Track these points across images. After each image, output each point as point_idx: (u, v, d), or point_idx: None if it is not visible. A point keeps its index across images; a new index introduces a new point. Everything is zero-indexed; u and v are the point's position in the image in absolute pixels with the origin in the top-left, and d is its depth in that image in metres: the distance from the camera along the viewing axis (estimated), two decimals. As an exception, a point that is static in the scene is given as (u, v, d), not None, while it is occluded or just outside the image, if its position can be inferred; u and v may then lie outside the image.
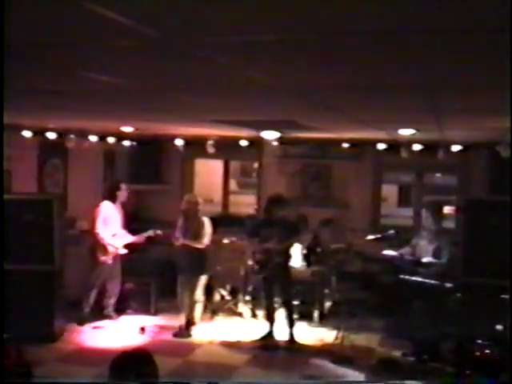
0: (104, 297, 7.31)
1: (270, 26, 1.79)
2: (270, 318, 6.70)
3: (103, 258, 7.05)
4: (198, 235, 6.72)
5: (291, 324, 6.64)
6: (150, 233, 7.18)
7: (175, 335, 6.80)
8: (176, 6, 1.59)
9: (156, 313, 7.54)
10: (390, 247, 6.89)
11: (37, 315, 6.29)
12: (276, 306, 6.76)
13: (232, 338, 6.78)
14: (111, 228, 7.09)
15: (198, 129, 6.74)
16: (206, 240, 6.75)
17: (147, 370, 2.68)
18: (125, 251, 7.22)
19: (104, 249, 7.05)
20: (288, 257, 6.77)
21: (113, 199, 7.19)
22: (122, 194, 7.26)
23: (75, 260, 7.34)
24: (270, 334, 6.68)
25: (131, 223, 7.42)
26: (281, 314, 6.75)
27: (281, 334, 6.71)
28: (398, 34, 1.86)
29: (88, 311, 7.13)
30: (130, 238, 7.22)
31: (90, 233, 7.18)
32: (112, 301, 7.34)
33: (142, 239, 7.22)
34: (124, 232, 7.25)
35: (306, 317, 7.13)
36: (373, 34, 1.85)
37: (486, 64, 2.34)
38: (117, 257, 7.20)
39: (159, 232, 7.19)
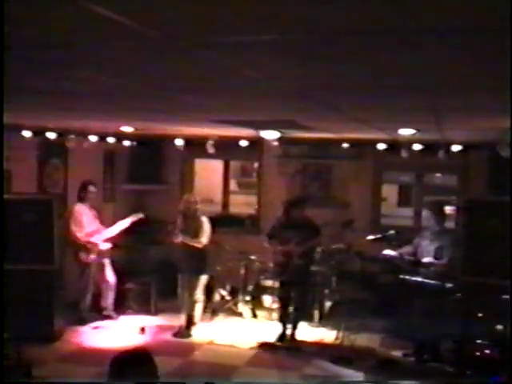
0: (100, 298, 7.31)
1: (270, 26, 1.79)
2: (284, 321, 6.68)
3: (85, 258, 7.04)
4: (197, 234, 6.72)
5: (295, 325, 6.64)
6: (133, 217, 7.20)
7: (175, 335, 6.80)
8: (176, 6, 1.59)
9: (156, 313, 7.54)
10: (390, 247, 6.88)
11: (37, 315, 6.29)
12: (290, 308, 6.71)
13: (232, 338, 6.78)
14: (87, 228, 7.09)
15: (198, 129, 6.74)
16: (205, 239, 6.75)
17: (146, 369, 2.68)
18: (107, 246, 7.21)
19: (84, 248, 7.05)
20: (309, 259, 6.69)
21: (82, 200, 7.19)
22: (89, 195, 7.22)
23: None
24: (283, 336, 6.67)
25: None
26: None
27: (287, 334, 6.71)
28: (398, 34, 1.86)
29: (86, 312, 7.12)
30: (111, 231, 7.21)
31: (69, 236, 7.10)
32: (109, 301, 7.32)
33: (126, 225, 7.20)
34: (101, 227, 7.24)
35: (306, 317, 7.13)
36: (373, 33, 1.85)
37: (486, 64, 2.34)
38: (102, 255, 7.18)
39: (141, 215, 7.20)
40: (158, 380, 2.73)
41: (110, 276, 7.33)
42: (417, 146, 7.52)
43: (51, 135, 7.13)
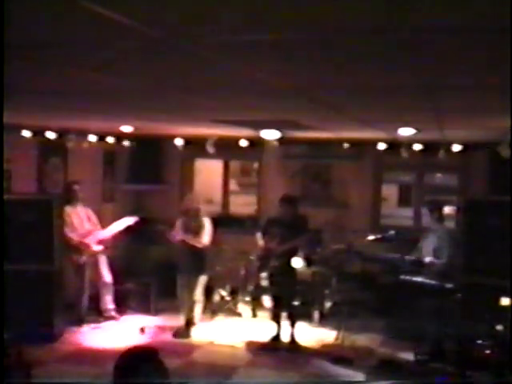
0: (99, 298, 7.29)
1: (270, 26, 1.79)
2: (277, 320, 6.68)
3: (78, 259, 7.02)
4: (198, 235, 6.71)
5: (292, 324, 6.63)
6: (128, 221, 7.13)
7: (175, 335, 6.80)
8: (176, 6, 1.59)
9: (156, 313, 7.54)
10: (391, 249, 6.87)
11: (37, 315, 6.29)
12: (282, 307, 6.71)
13: (232, 338, 6.77)
14: (79, 229, 7.06)
15: (198, 129, 6.74)
16: (207, 239, 6.74)
17: (154, 367, 2.65)
18: (99, 248, 7.15)
19: (77, 250, 7.02)
20: (290, 259, 6.63)
21: (69, 201, 7.05)
22: (75, 195, 7.11)
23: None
24: (277, 337, 6.66)
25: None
26: (283, 315, 6.74)
27: (282, 334, 6.70)
28: (399, 34, 1.86)
29: (84, 313, 7.10)
30: (105, 232, 7.16)
31: (63, 237, 6.99)
32: (108, 302, 7.29)
33: (121, 228, 7.15)
34: (96, 228, 7.20)
35: (306, 317, 7.13)
36: (373, 33, 1.85)
37: (486, 64, 2.34)
38: (96, 256, 7.15)
39: (136, 219, 7.15)
40: (167, 378, 2.71)
41: (106, 276, 7.28)
42: (417, 146, 7.53)
43: (51, 135, 7.13)
